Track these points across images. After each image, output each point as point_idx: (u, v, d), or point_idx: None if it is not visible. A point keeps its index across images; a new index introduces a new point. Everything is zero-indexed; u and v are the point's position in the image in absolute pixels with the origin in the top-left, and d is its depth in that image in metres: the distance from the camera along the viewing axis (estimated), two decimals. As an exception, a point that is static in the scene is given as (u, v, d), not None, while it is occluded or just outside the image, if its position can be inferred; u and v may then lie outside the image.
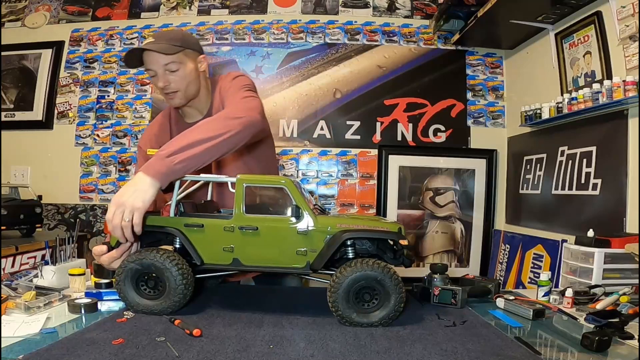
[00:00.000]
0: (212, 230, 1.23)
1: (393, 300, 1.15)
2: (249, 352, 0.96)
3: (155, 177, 1.22)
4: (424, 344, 1.03)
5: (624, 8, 1.91)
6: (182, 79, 1.56)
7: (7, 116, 3.10)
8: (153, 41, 1.54)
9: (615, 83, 1.84)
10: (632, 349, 1.03)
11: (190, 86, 1.59)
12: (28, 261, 2.18)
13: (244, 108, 1.43)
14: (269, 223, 1.22)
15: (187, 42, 1.58)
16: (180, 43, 1.54)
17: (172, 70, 1.54)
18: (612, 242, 1.54)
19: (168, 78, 1.55)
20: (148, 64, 1.55)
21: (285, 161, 3.03)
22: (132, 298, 1.22)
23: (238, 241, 1.22)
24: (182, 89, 1.58)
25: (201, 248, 1.24)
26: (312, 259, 1.21)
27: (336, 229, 1.21)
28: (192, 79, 1.59)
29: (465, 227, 2.98)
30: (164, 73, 1.55)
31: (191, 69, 1.58)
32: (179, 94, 1.58)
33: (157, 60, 1.53)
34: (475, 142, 3.01)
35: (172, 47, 1.52)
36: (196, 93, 1.63)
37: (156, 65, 1.54)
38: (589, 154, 2.13)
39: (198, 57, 1.63)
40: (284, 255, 1.22)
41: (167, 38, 1.55)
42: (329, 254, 1.19)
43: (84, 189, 3.06)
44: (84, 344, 0.96)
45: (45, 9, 3.20)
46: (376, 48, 3.06)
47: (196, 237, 1.24)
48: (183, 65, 1.56)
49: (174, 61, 1.53)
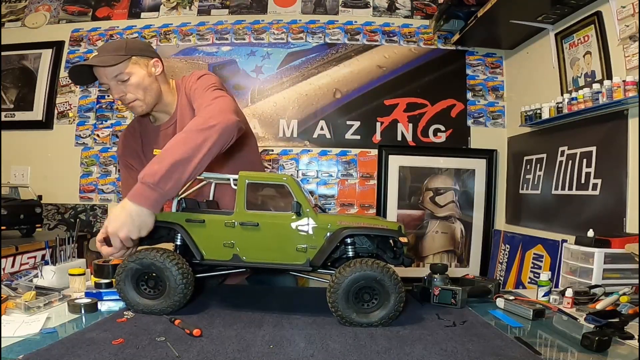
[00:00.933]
0: (213, 226, 1.24)
1: (393, 300, 1.15)
2: (249, 352, 0.96)
3: (152, 208, 1.23)
4: (424, 344, 1.03)
5: (624, 8, 1.91)
6: (136, 88, 1.52)
7: (7, 116, 3.09)
8: (96, 55, 1.52)
9: (615, 83, 1.84)
10: (632, 349, 1.03)
11: (147, 92, 1.55)
12: (28, 261, 2.18)
13: (216, 112, 1.37)
14: (270, 219, 1.23)
15: (131, 49, 1.53)
16: (124, 52, 1.50)
17: (123, 80, 1.51)
18: (612, 242, 1.54)
19: (121, 89, 1.52)
20: (99, 79, 1.53)
21: (285, 161, 3.03)
22: (132, 298, 1.22)
23: (239, 237, 1.23)
24: (139, 97, 1.54)
25: (202, 243, 1.25)
26: (312, 256, 1.21)
27: (336, 226, 1.21)
28: (147, 85, 1.54)
29: (465, 227, 2.98)
30: (117, 84, 1.51)
31: (143, 75, 1.53)
32: (138, 102, 1.54)
33: (105, 74, 1.50)
34: (475, 142, 3.01)
35: (115, 58, 1.48)
36: (157, 98, 1.59)
37: (106, 78, 1.51)
38: (589, 154, 2.13)
39: (149, 62, 1.57)
40: (284, 252, 1.23)
41: (109, 49, 1.51)
42: (329, 250, 1.20)
43: (84, 189, 3.06)
44: (84, 344, 0.96)
45: (45, 9, 3.20)
46: (376, 48, 3.06)
47: (197, 232, 1.25)
48: (133, 73, 1.51)
49: (122, 71, 1.50)
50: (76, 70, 1.53)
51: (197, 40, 3.09)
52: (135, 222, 1.22)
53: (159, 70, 1.60)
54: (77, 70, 1.53)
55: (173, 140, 1.30)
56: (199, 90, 1.52)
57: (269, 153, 3.02)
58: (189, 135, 1.30)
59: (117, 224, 1.21)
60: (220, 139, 1.32)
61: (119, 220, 1.21)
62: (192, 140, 1.28)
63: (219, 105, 1.42)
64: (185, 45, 3.09)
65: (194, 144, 1.27)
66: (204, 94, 1.50)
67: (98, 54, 1.52)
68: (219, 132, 1.31)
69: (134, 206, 1.22)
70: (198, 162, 1.27)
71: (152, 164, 1.25)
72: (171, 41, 3.09)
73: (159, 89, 1.59)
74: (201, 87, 1.53)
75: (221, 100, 1.44)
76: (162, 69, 1.62)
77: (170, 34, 3.11)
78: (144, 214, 1.23)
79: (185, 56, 3.07)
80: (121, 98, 1.54)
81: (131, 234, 1.22)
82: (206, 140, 1.28)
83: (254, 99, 3.05)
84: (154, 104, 1.60)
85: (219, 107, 1.40)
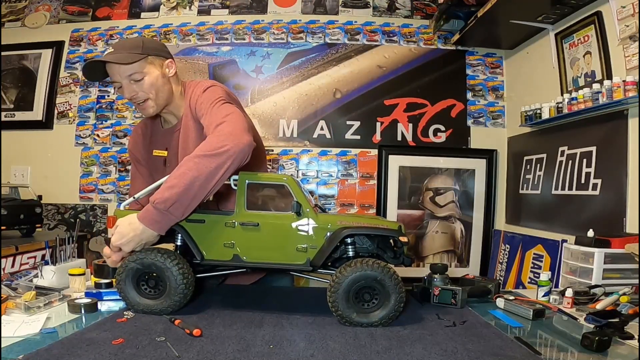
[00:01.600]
0: (213, 226, 1.25)
1: (393, 300, 1.15)
2: (249, 352, 0.96)
3: (160, 231, 1.27)
4: (424, 344, 1.03)
5: (624, 8, 1.91)
6: (149, 87, 1.49)
7: (7, 116, 3.09)
8: (112, 51, 1.49)
9: (615, 83, 1.84)
10: (632, 349, 1.03)
11: (160, 93, 1.52)
12: (28, 261, 2.18)
13: (228, 134, 1.31)
14: (270, 219, 1.24)
15: (148, 48, 1.50)
16: (140, 50, 1.47)
17: (137, 80, 1.47)
18: (612, 242, 1.54)
19: (134, 88, 1.48)
20: (112, 76, 1.50)
21: (285, 161, 3.03)
22: (133, 298, 1.22)
23: (239, 237, 1.23)
24: (151, 97, 1.50)
25: (202, 243, 1.26)
26: (313, 255, 1.21)
27: (337, 226, 1.21)
28: (160, 85, 1.51)
29: (465, 227, 2.98)
30: (129, 83, 1.48)
31: (157, 75, 1.50)
32: (149, 102, 1.51)
33: (119, 72, 1.46)
34: (475, 142, 3.01)
35: (132, 56, 1.45)
36: (168, 99, 1.56)
37: (119, 76, 1.47)
38: (589, 154, 2.13)
39: (164, 62, 1.54)
40: (285, 252, 1.23)
41: (126, 47, 1.48)
42: (329, 250, 1.20)
43: (84, 189, 3.06)
44: (84, 344, 0.97)
45: (45, 9, 3.19)
46: (376, 48, 3.06)
47: (198, 232, 1.26)
48: (148, 73, 1.48)
49: (137, 71, 1.46)
50: (90, 65, 1.50)
51: (197, 40, 3.09)
52: (142, 242, 1.27)
53: (172, 72, 1.56)
54: (91, 66, 1.50)
55: (185, 164, 1.27)
56: (206, 105, 1.46)
57: (269, 153, 3.01)
58: (202, 160, 1.26)
59: (123, 240, 1.25)
60: (234, 165, 1.28)
61: (126, 237, 1.25)
62: (205, 167, 1.25)
63: (230, 125, 1.35)
64: (185, 45, 3.09)
65: (207, 171, 1.24)
66: (211, 109, 1.44)
67: (114, 50, 1.48)
68: (233, 158, 1.27)
69: (143, 227, 1.25)
70: (210, 188, 1.26)
71: (164, 190, 1.25)
72: (171, 41, 3.09)
73: (171, 90, 1.56)
74: (208, 102, 1.47)
75: (232, 118, 1.38)
76: (175, 70, 1.58)
77: (170, 34, 3.11)
78: (151, 235, 1.27)
79: (185, 56, 3.07)
80: (132, 97, 1.50)
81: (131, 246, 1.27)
82: (219, 167, 1.25)
83: (254, 99, 3.05)
84: (165, 105, 1.57)
85: (231, 128, 1.34)
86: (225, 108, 1.43)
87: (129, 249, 1.26)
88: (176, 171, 1.27)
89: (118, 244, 1.25)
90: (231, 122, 1.36)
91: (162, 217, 1.24)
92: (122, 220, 1.27)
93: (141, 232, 1.25)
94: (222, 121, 1.36)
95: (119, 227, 1.27)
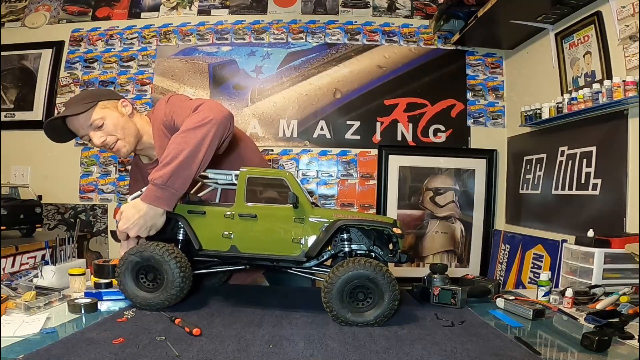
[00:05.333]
0: (213, 217, 1.29)
1: (387, 298, 1.16)
2: (249, 351, 0.96)
3: (165, 206, 1.30)
4: (423, 344, 1.03)
5: (624, 8, 1.91)
6: (114, 128, 1.56)
7: (7, 116, 3.09)
8: (65, 109, 1.56)
9: (615, 83, 1.84)
10: (632, 349, 1.03)
11: (126, 130, 1.59)
12: (28, 261, 2.18)
13: (208, 109, 1.41)
14: (268, 211, 1.26)
15: (98, 95, 1.59)
16: (91, 99, 1.55)
17: (99, 126, 1.55)
18: (612, 242, 1.54)
19: (100, 134, 1.56)
20: (77, 132, 1.58)
21: (285, 161, 3.03)
22: (132, 290, 1.25)
23: (237, 228, 1.27)
24: (120, 136, 1.58)
25: (201, 233, 1.29)
26: (308, 248, 1.23)
27: (332, 219, 1.24)
28: (123, 123, 1.59)
29: (465, 227, 2.98)
30: (94, 132, 1.55)
31: (116, 115, 1.58)
32: (119, 142, 1.58)
33: (80, 125, 1.55)
34: (475, 142, 3.01)
35: (84, 106, 1.53)
36: (137, 136, 1.63)
37: (82, 130, 1.56)
38: (589, 154, 2.13)
39: (117, 103, 1.62)
40: (280, 243, 1.25)
41: (77, 100, 1.57)
42: (324, 240, 1.23)
43: (84, 189, 3.06)
44: (84, 344, 0.97)
45: (45, 9, 3.20)
46: (376, 48, 3.06)
47: (197, 223, 1.30)
48: (106, 116, 1.56)
49: (95, 118, 1.54)
50: (50, 127, 1.56)
51: (197, 40, 3.09)
52: (147, 223, 1.29)
53: (128, 110, 1.64)
54: (51, 127, 1.56)
55: (173, 141, 1.35)
56: (177, 105, 1.54)
57: (269, 153, 3.02)
58: (188, 134, 1.34)
59: (129, 224, 1.28)
60: (219, 131, 1.37)
61: (131, 220, 1.28)
62: (193, 137, 1.33)
63: (206, 104, 1.44)
64: (185, 45, 3.09)
65: (195, 140, 1.33)
66: (183, 103, 1.52)
67: (67, 107, 1.56)
68: (217, 125, 1.36)
69: (147, 207, 1.29)
70: (202, 156, 1.33)
71: (159, 167, 1.31)
72: (171, 41, 3.09)
73: (136, 127, 1.63)
74: (176, 102, 1.55)
75: (207, 101, 1.48)
76: (132, 108, 1.66)
77: (170, 34, 3.11)
78: (156, 215, 1.30)
79: (185, 56, 3.07)
80: (103, 143, 1.57)
81: (141, 234, 1.29)
82: (206, 135, 1.34)
83: (254, 99, 3.05)
84: (136, 143, 1.63)
85: (208, 106, 1.43)
86: (195, 100, 1.52)
87: (134, 233, 1.29)
88: (167, 149, 1.34)
89: (124, 229, 1.29)
90: (207, 103, 1.45)
91: (163, 192, 1.29)
92: (126, 205, 1.32)
93: (145, 212, 1.28)
94: (198, 104, 1.45)
95: (124, 212, 1.31)
